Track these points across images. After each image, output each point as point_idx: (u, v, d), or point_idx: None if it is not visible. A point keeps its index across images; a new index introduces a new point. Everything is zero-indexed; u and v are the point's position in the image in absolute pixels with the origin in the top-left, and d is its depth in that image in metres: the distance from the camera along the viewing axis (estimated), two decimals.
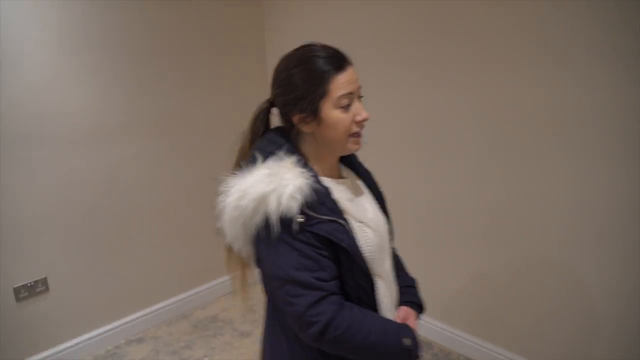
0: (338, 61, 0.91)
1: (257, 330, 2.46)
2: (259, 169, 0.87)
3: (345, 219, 0.90)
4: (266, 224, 0.84)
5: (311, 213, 0.84)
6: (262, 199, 0.83)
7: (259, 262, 0.92)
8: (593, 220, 1.61)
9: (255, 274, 0.99)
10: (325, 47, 0.93)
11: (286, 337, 0.95)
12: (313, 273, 0.85)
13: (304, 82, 0.90)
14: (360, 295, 0.92)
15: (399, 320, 1.01)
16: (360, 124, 0.93)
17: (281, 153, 0.90)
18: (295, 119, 0.93)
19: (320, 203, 0.86)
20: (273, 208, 0.82)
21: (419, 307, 1.10)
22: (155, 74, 2.32)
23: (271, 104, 0.98)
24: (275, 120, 1.00)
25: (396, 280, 1.08)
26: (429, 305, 1.25)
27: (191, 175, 2.53)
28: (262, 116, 0.99)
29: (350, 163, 1.11)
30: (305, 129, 0.93)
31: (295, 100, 0.91)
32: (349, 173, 1.09)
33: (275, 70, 0.96)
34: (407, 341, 0.91)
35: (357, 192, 1.03)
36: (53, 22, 1.95)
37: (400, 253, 1.20)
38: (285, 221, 0.83)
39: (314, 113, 0.90)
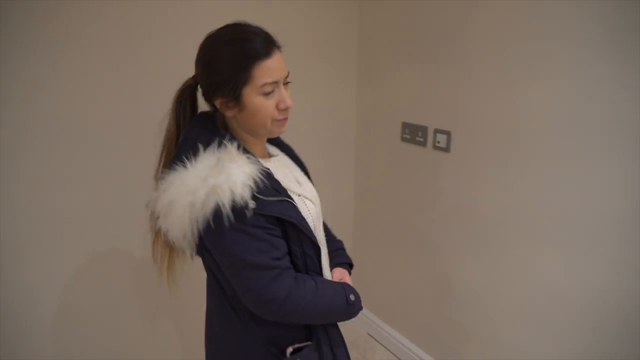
0: (265, 46, 0.87)
1: None
2: (203, 159, 0.85)
3: (290, 196, 0.92)
4: (217, 214, 0.82)
5: (262, 197, 0.84)
6: (214, 191, 0.81)
7: (208, 253, 0.91)
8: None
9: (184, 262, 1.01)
10: (253, 30, 0.89)
11: (240, 318, 0.97)
12: (268, 254, 0.87)
13: (227, 67, 0.87)
14: (307, 263, 0.96)
15: (336, 280, 1.08)
16: (283, 111, 0.93)
17: (221, 140, 0.88)
18: (217, 102, 0.91)
19: (267, 186, 0.86)
20: (226, 198, 0.81)
21: (350, 266, 1.20)
22: None
23: (196, 81, 0.95)
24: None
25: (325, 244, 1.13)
26: None
27: None
28: (188, 94, 0.96)
29: (271, 140, 1.11)
30: (228, 113, 0.92)
31: (218, 84, 0.88)
32: (275, 150, 1.11)
33: (200, 48, 0.92)
34: (352, 297, 1.00)
35: (288, 168, 1.06)
36: None
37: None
38: (238, 209, 0.82)
39: (236, 99, 0.89)
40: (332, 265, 1.15)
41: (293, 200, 0.92)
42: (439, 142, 1.71)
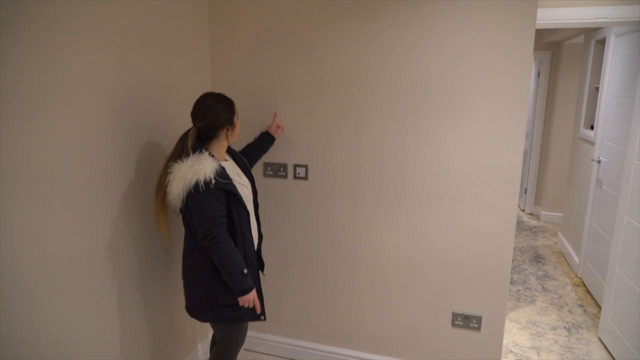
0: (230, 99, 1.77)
1: None
2: (190, 158, 1.63)
3: (232, 181, 1.68)
4: (196, 185, 1.58)
5: (218, 179, 1.61)
6: (196, 172, 1.58)
7: (186, 209, 1.64)
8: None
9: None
10: (221, 94, 1.74)
11: (200, 250, 1.72)
12: (217, 212, 1.62)
13: (227, 113, 1.72)
14: (241, 220, 1.72)
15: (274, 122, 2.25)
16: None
17: (201, 150, 1.65)
18: (224, 131, 1.73)
19: (222, 173, 1.65)
20: (201, 176, 1.57)
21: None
22: None
23: (198, 128, 1.70)
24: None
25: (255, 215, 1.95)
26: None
27: None
28: (189, 133, 1.69)
29: (230, 151, 1.92)
30: (229, 134, 1.76)
31: (225, 122, 1.71)
32: (229, 157, 1.89)
33: (201, 109, 1.69)
34: (245, 270, 1.67)
35: (234, 167, 1.83)
36: None
37: None
38: (207, 183, 1.58)
39: (233, 125, 1.76)
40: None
41: (234, 183, 1.69)
42: (298, 174, 2.32)
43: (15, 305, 1.33)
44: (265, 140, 2.22)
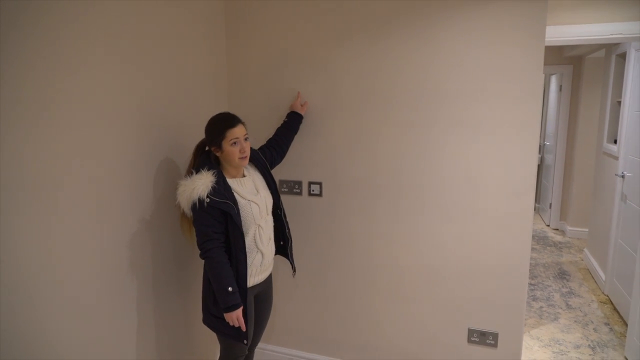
0: (231, 122, 1.79)
1: None
2: (193, 176, 1.73)
3: (234, 200, 1.75)
4: (193, 202, 1.69)
5: (213, 197, 1.70)
6: (191, 191, 1.69)
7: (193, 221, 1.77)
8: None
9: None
10: (227, 113, 1.83)
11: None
12: (211, 228, 1.72)
13: (215, 133, 1.78)
14: (236, 241, 1.76)
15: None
16: (243, 153, 1.80)
17: (206, 168, 1.75)
18: (213, 149, 1.81)
19: (219, 192, 1.72)
20: (195, 195, 1.69)
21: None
22: None
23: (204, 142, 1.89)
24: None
25: (272, 227, 1.99)
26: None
27: None
28: (201, 147, 1.91)
29: (259, 164, 2.00)
30: (217, 154, 1.82)
31: (213, 141, 1.79)
32: (254, 170, 1.98)
33: (207, 125, 1.82)
34: (230, 288, 1.73)
35: (253, 182, 1.92)
36: None
37: None
38: (200, 201, 1.69)
39: (220, 147, 1.78)
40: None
41: (233, 202, 1.74)
42: (313, 191, 2.39)
43: (19, 310, 1.36)
44: (294, 121, 2.26)
